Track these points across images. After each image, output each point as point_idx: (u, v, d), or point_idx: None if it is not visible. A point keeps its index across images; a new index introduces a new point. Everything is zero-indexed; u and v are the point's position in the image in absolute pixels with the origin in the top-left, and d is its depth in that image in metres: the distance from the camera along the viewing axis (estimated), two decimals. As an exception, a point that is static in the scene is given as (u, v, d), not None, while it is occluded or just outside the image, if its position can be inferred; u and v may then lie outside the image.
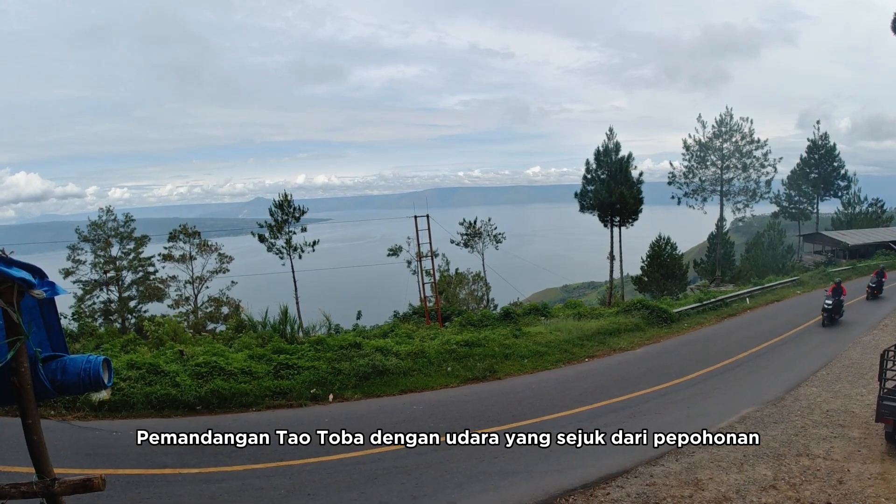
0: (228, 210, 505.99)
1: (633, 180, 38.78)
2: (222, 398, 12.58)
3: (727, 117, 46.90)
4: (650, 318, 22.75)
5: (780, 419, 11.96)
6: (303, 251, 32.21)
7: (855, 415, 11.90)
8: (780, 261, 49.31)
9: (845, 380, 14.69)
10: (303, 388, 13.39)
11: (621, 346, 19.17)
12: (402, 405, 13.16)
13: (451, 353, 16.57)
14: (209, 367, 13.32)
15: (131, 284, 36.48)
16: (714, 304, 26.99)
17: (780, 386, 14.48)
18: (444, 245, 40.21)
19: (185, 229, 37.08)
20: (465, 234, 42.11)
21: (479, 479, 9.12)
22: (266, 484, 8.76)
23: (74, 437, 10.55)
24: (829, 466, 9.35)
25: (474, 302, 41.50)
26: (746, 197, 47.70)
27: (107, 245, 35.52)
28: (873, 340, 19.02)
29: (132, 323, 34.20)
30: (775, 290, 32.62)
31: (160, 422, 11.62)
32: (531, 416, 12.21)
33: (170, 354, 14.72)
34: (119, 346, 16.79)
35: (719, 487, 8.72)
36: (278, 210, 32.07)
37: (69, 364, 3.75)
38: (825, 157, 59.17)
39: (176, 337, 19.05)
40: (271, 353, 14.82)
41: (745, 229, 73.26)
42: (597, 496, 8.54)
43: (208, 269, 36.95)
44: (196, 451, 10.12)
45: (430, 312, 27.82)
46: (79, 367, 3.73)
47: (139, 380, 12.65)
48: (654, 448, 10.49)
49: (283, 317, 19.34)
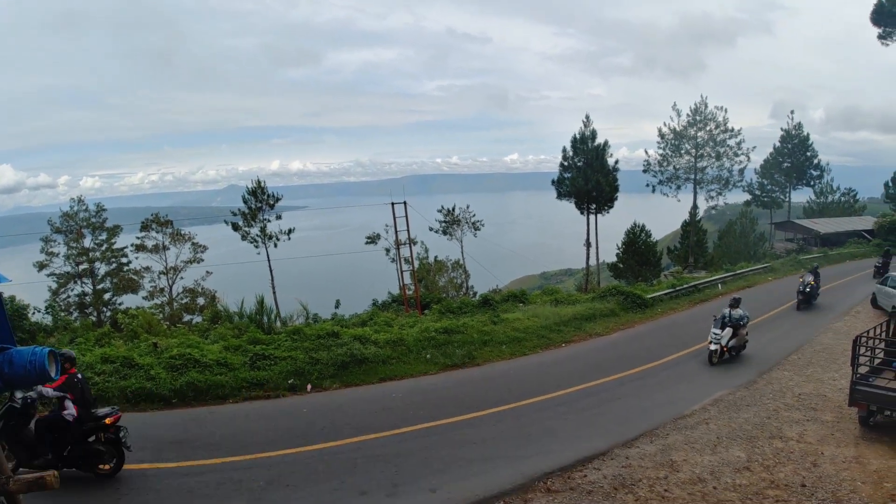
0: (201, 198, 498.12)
1: (609, 168, 39.04)
2: (198, 391, 12.44)
3: (702, 106, 47.35)
4: (625, 303, 23.03)
5: (752, 402, 12.23)
6: (278, 240, 31.84)
7: (827, 399, 12.19)
8: (752, 248, 50.21)
9: (817, 364, 15.03)
10: (280, 379, 13.30)
11: (597, 332, 19.39)
12: (381, 393, 13.17)
13: (430, 340, 16.60)
14: (184, 360, 13.14)
15: (105, 276, 35.80)
16: (687, 290, 27.39)
17: (753, 369, 14.80)
18: (422, 233, 40.10)
19: (158, 218, 36.41)
20: (444, 221, 42.04)
21: (458, 465, 9.20)
22: (244, 476, 8.73)
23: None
24: (803, 449, 9.59)
25: (454, 289, 41.58)
26: (720, 185, 48.31)
27: (79, 236, 34.75)
28: (845, 326, 19.47)
29: (107, 316, 33.56)
30: (747, 277, 33.20)
31: (136, 416, 11.45)
32: (510, 402, 12.32)
33: (144, 347, 14.51)
34: (93, 340, 16.49)
35: (693, 469, 8.91)
36: (252, 197, 31.59)
37: (15, 357, 3.67)
38: (798, 146, 60.27)
39: (151, 329, 18.76)
40: (247, 344, 14.69)
41: (718, 217, 74.42)
42: (574, 478, 8.68)
43: (182, 260, 36.39)
44: (173, 444, 10.03)
45: (410, 300, 27.80)
46: (24, 359, 3.66)
47: (113, 374, 12.46)
48: (629, 430, 10.70)
49: (260, 307, 19.15)
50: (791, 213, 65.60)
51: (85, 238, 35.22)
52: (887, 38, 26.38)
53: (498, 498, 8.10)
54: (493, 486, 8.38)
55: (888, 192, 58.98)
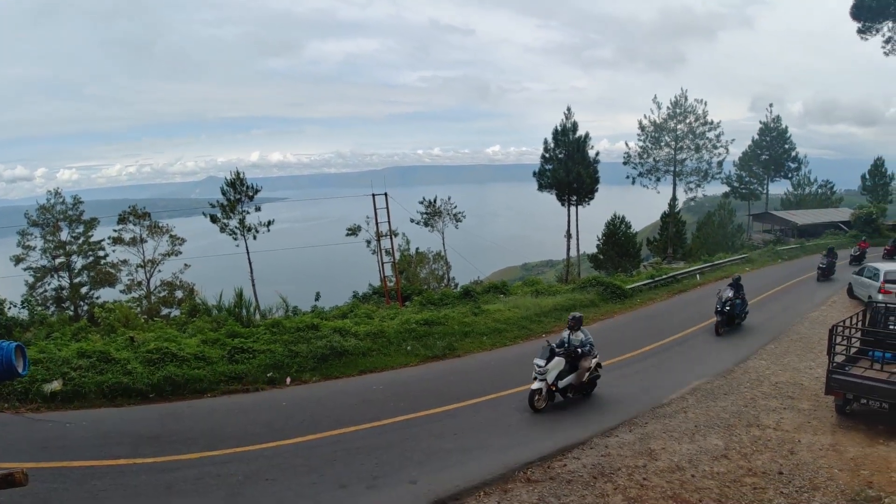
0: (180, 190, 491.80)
1: (589, 160, 39.29)
2: (176, 385, 12.30)
3: (682, 99, 47.75)
4: (605, 294, 23.22)
5: (729, 391, 12.38)
6: (257, 232, 31.57)
7: (804, 387, 12.38)
8: (730, 239, 50.89)
9: (793, 353, 15.25)
10: (259, 372, 13.19)
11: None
12: (361, 386, 13.12)
13: (410, 332, 16.57)
14: (161, 354, 12.98)
15: (82, 270, 35.30)
16: (666, 281, 27.69)
17: (730, 359, 14.98)
18: (404, 224, 40.09)
19: (135, 211, 35.96)
20: (426, 213, 42.01)
21: (439, 457, 9.19)
22: (223, 471, 8.64)
23: (28, 430, 10.24)
24: (780, 437, 9.73)
25: (435, 281, 41.55)
26: (699, 177, 48.82)
27: (56, 229, 34.25)
28: (821, 316, 19.79)
29: (84, 310, 33.11)
30: (725, 268, 33.65)
31: (113, 411, 11.34)
32: (490, 392, 12.33)
33: (121, 341, 14.29)
34: (70, 334, 16.21)
35: (672, 457, 9.00)
36: (230, 189, 31.25)
37: None
38: (777, 139, 61.20)
39: (128, 323, 18.50)
40: (225, 338, 14.54)
41: (697, 209, 75.31)
42: (554, 468, 8.72)
43: (160, 252, 36.00)
44: (151, 439, 9.90)
45: (391, 292, 27.73)
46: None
47: (90, 369, 12.25)
48: (608, 420, 10.80)
49: (239, 300, 18.96)
50: (769, 205, 66.65)
51: (62, 231, 34.76)
52: (867, 32, 26.76)
53: (478, 488, 8.11)
54: (474, 477, 8.38)
55: (865, 184, 60.24)
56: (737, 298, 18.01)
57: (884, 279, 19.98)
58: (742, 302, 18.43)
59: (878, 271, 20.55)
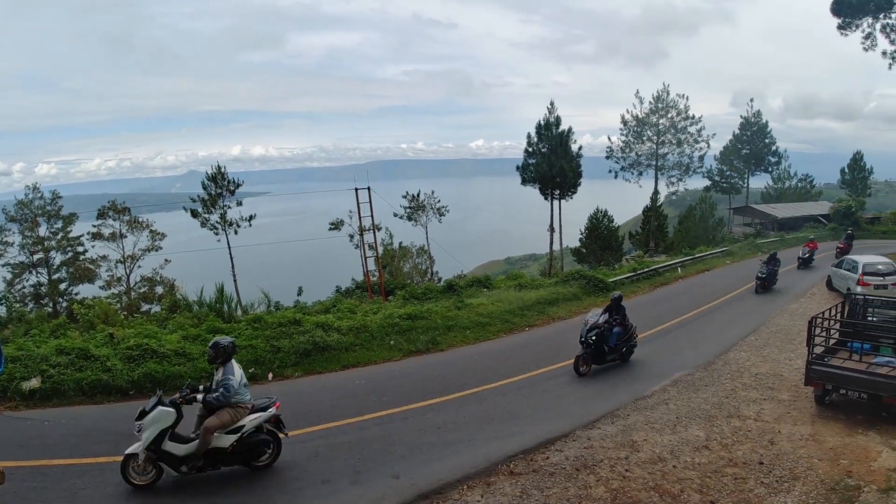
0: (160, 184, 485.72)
1: (572, 154, 39.41)
2: (156, 381, 12.10)
3: (664, 94, 48.05)
4: (587, 287, 23.34)
5: (710, 382, 12.50)
6: (239, 226, 31.23)
7: (784, 378, 12.53)
8: (711, 232, 51.39)
9: (774, 345, 15.44)
10: (241, 368, 13.07)
11: (560, 315, 19.59)
12: (343, 381, 13.06)
13: (393, 326, 16.53)
14: (141, 350, 12.78)
15: (61, 266, 34.75)
16: (648, 274, 27.91)
17: (711, 351, 15.13)
18: (387, 219, 39.87)
19: (115, 206, 35.26)
20: (409, 207, 41.88)
21: (422, 451, 9.17)
22: (203, 466, 8.53)
23: (6, 429, 10.03)
24: (761, 427, 9.84)
25: (418, 275, 41.46)
26: (680, 171, 49.25)
27: (34, 225, 33.67)
28: (801, 308, 20.05)
29: (63, 307, 32.61)
30: (706, 260, 34.01)
31: (92, 409, 11.16)
32: (473, 386, 12.34)
33: (100, 338, 14.04)
34: (48, 331, 15.92)
35: (654, 448, 9.06)
36: (211, 183, 30.86)
37: None
38: (757, 133, 61.98)
39: (107, 319, 18.21)
40: (207, 333, 14.34)
41: (679, 202, 76.00)
42: (537, 460, 8.75)
43: (140, 248, 35.36)
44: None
45: (374, 287, 27.64)
46: None
47: (69, 366, 12.02)
48: (590, 412, 10.85)
49: (220, 295, 18.76)
50: (749, 199, 67.48)
51: (40, 227, 34.15)
52: (846, 28, 27.05)
53: (461, 482, 8.11)
54: (456, 471, 8.38)
55: (844, 177, 61.28)
56: (613, 324, 13.62)
57: (862, 271, 20.30)
58: (623, 329, 13.76)
59: (857, 264, 20.87)
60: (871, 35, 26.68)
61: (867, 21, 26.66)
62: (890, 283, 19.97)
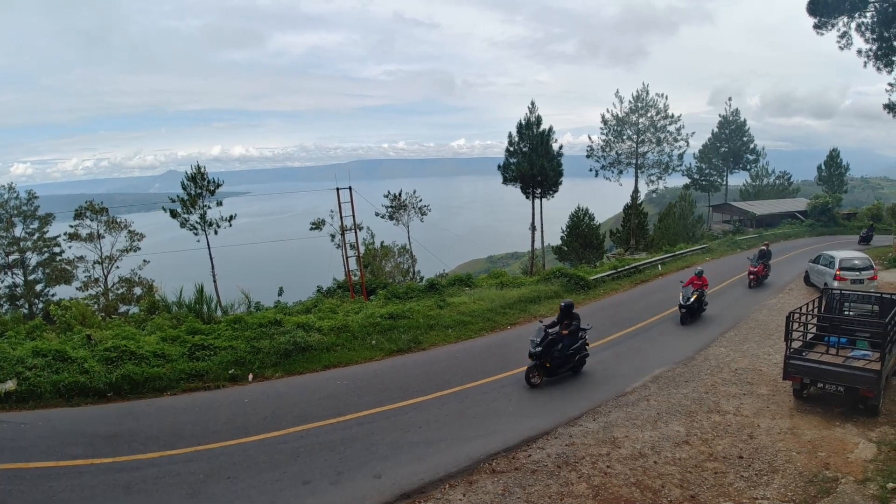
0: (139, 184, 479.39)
1: (553, 153, 39.55)
2: (134, 383, 11.98)
3: (643, 93, 48.28)
4: (569, 285, 23.45)
5: (690, 378, 12.64)
6: (219, 226, 30.87)
7: (762, 373, 12.71)
8: (691, 230, 51.88)
9: (752, 340, 15.65)
10: (220, 370, 12.94)
11: (542, 313, 19.63)
12: (325, 381, 12.97)
13: (375, 326, 16.47)
14: (119, 352, 12.63)
15: (37, 267, 34.19)
16: (628, 271, 28.09)
17: (691, 346, 15.29)
18: (369, 218, 39.73)
19: (92, 206, 34.71)
20: (391, 206, 41.78)
21: (404, 450, 9.16)
22: (183, 470, 8.47)
23: (-19, 432, 9.85)
24: (740, 422, 9.97)
25: (401, 275, 41.34)
26: (660, 170, 49.53)
27: (9, 225, 33.08)
28: (779, 303, 20.32)
29: (39, 308, 32.10)
30: (685, 257, 34.35)
31: (70, 411, 10.99)
32: (455, 385, 12.35)
33: (77, 340, 13.85)
34: (24, 333, 15.61)
35: (635, 444, 9.14)
36: (191, 183, 30.44)
37: None
38: (735, 132, 62.80)
39: (85, 321, 17.89)
40: (185, 335, 14.19)
41: (658, 200, 76.65)
42: (519, 458, 8.78)
43: (118, 248, 34.84)
44: (109, 439, 9.63)
45: (355, 286, 27.50)
46: None
47: (46, 368, 11.86)
48: (572, 409, 10.90)
49: (199, 296, 18.50)
50: (728, 196, 68.37)
51: (15, 227, 33.63)
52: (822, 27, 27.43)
53: (443, 480, 8.11)
54: (438, 469, 8.39)
55: (821, 174, 62.30)
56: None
57: (839, 267, 20.63)
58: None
59: (833, 259, 21.20)
60: (847, 34, 27.09)
61: (842, 20, 27.08)
62: (866, 277, 20.33)
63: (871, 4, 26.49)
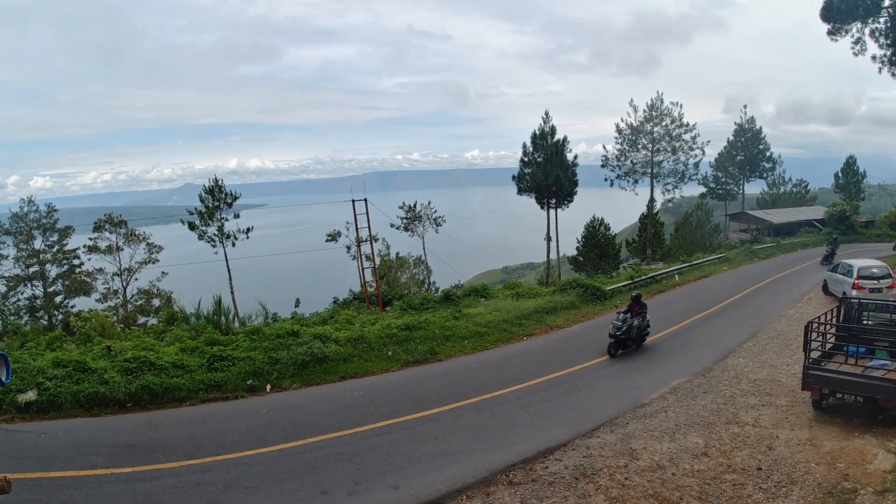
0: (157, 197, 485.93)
1: (567, 163, 39.57)
2: (154, 394, 12.11)
3: (658, 102, 48.18)
4: (585, 296, 23.35)
5: (709, 389, 12.53)
6: (236, 238, 31.19)
7: (781, 384, 12.57)
8: (708, 239, 51.53)
9: (771, 350, 15.48)
10: (238, 380, 13.05)
11: (558, 324, 19.61)
12: (342, 392, 13.03)
13: (391, 337, 16.52)
14: (139, 363, 12.78)
15: (56, 279, 34.75)
16: (645, 281, 27.96)
17: (709, 357, 15.15)
18: (384, 229, 39.91)
19: (111, 218, 35.26)
20: (405, 217, 41.90)
21: (421, 461, 9.17)
22: (202, 479, 8.53)
23: (2, 441, 10.02)
24: (759, 433, 9.87)
25: (416, 286, 41.40)
26: (676, 178, 49.29)
27: (29, 238, 33.72)
28: (798, 313, 20.08)
29: (59, 319, 32.51)
30: (703, 267, 34.08)
31: (89, 421, 11.13)
32: (472, 396, 12.33)
33: (97, 351, 14.05)
34: (45, 344, 15.91)
35: (653, 456, 9.08)
36: (209, 196, 30.83)
37: None
38: (751, 139, 62.38)
39: (104, 332, 18.17)
40: (204, 346, 14.35)
41: (675, 209, 76.26)
42: (536, 470, 8.75)
43: (137, 260, 35.34)
44: (129, 449, 9.75)
45: (371, 297, 27.61)
46: None
47: (66, 378, 12.02)
48: (589, 420, 10.86)
49: (217, 307, 18.72)
50: (745, 205, 67.82)
51: (35, 239, 34.28)
52: (836, 33, 27.31)
53: (460, 492, 8.11)
54: (456, 481, 8.39)
55: (838, 182, 61.62)
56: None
57: (857, 275, 20.39)
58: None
59: (852, 268, 20.96)
60: (861, 40, 26.97)
61: (856, 26, 26.96)
62: (884, 286, 20.08)
63: (885, 10, 26.32)
